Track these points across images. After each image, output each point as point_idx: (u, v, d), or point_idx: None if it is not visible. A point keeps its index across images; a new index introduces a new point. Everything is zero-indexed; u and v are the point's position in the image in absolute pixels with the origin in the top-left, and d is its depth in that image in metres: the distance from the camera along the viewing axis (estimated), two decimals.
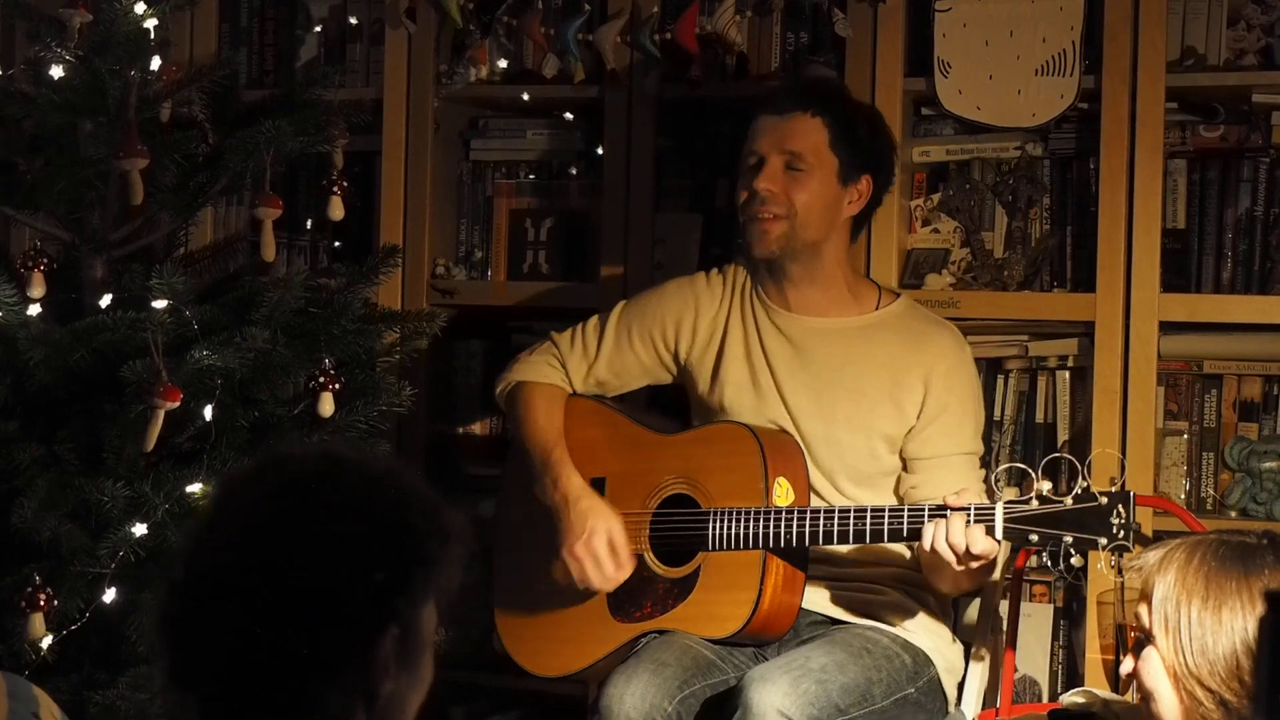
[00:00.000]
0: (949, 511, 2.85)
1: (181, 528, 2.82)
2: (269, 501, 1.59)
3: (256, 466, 1.65)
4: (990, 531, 2.83)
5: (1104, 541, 2.77)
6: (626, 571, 3.09)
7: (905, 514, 2.92)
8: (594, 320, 3.33)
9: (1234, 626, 2.24)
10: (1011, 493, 3.27)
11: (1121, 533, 2.76)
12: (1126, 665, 2.36)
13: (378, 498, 1.61)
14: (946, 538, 2.83)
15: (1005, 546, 3.10)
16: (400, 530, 1.60)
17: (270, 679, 1.54)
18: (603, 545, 3.07)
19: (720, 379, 3.22)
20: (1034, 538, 2.82)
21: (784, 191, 3.13)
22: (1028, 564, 3.29)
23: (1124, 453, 3.35)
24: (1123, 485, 2.81)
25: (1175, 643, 2.26)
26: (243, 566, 1.56)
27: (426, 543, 1.61)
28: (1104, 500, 2.78)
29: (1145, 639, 2.31)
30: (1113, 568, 2.79)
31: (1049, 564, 2.82)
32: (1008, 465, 3.38)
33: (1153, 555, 2.33)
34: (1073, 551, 2.79)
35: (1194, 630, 2.25)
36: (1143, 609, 2.31)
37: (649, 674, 2.93)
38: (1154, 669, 2.29)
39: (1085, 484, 2.79)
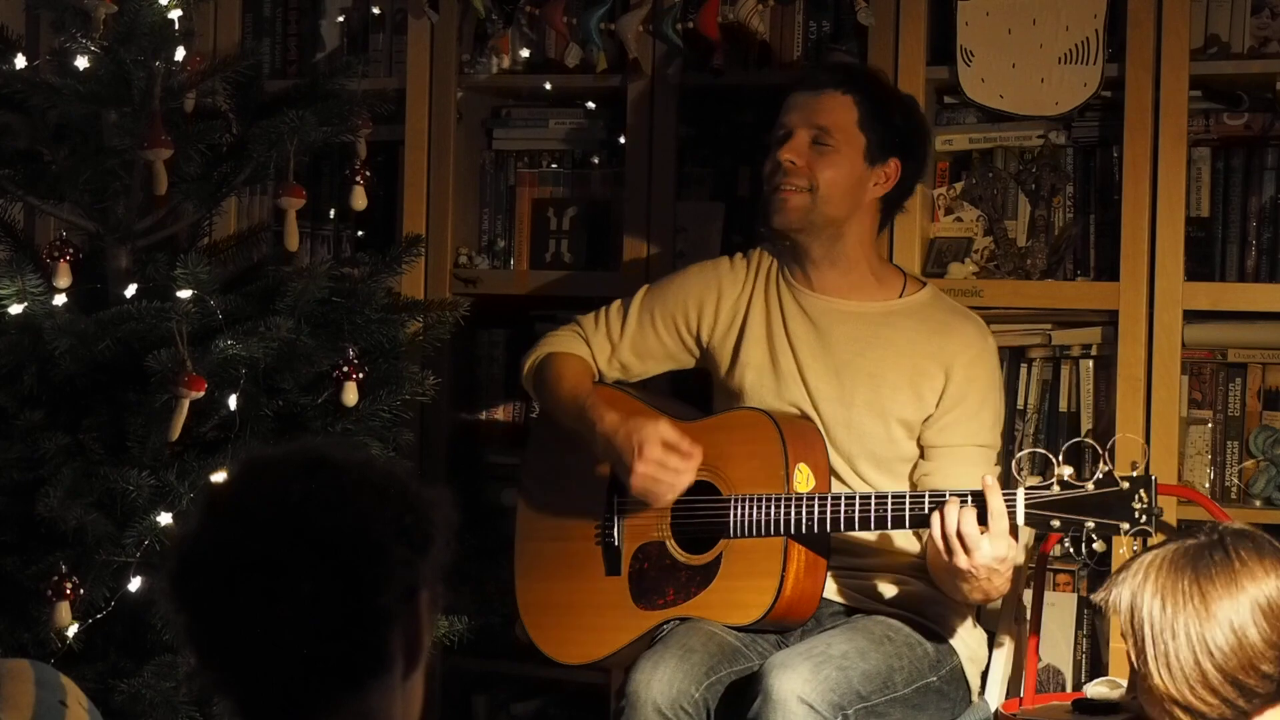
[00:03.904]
0: (970, 498, 2.84)
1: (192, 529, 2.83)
2: (292, 485, 1.63)
3: (241, 469, 1.68)
4: (1013, 516, 2.82)
5: (1126, 526, 2.76)
6: (696, 459, 3.03)
7: (927, 499, 2.91)
8: (616, 304, 3.33)
9: (1190, 633, 2.22)
10: (1032, 481, 3.26)
11: (1144, 517, 2.75)
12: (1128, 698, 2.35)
13: (376, 476, 1.67)
14: (959, 526, 2.82)
15: (1028, 535, 3.10)
16: (405, 499, 1.67)
17: (343, 639, 1.59)
18: (657, 450, 3.03)
19: (740, 362, 3.22)
20: (1055, 523, 2.81)
21: (808, 165, 3.13)
22: (1051, 554, 3.28)
23: (1148, 442, 3.34)
24: (1145, 469, 2.80)
25: (1145, 664, 2.25)
26: (284, 543, 1.61)
27: (427, 510, 1.68)
28: (1126, 485, 2.77)
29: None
30: (1135, 553, 2.78)
31: (1070, 551, 2.81)
32: (1030, 450, 3.37)
33: (1116, 581, 2.32)
34: (1095, 537, 2.78)
35: (1157, 648, 2.23)
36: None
37: (676, 660, 2.93)
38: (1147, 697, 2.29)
39: (1108, 469, 2.78)
